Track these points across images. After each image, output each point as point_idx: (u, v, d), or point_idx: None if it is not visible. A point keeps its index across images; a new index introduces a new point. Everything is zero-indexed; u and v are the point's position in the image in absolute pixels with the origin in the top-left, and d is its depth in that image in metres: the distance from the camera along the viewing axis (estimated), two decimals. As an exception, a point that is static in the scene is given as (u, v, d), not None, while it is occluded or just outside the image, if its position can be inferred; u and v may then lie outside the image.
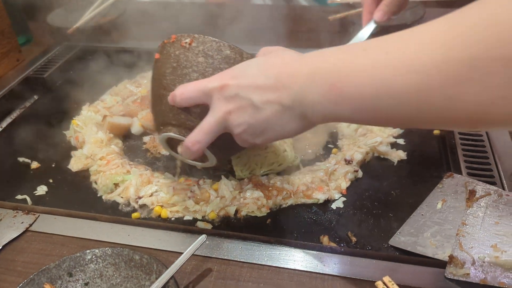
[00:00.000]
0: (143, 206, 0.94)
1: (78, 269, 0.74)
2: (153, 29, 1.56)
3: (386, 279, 0.70)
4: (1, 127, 1.24)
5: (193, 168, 1.01)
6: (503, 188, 0.89)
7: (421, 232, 0.81)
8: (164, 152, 1.10)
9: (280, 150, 1.05)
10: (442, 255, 0.76)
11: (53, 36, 1.63)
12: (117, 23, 1.64)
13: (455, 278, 0.71)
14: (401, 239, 0.82)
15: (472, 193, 0.85)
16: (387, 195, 0.95)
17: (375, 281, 0.70)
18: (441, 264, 0.74)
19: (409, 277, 0.73)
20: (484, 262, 0.72)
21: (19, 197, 0.98)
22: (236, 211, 0.91)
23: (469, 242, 0.76)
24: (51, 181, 1.04)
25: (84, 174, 1.05)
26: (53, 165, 1.09)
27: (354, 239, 0.84)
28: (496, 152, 0.98)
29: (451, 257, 0.74)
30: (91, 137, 1.12)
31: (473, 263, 0.72)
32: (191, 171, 1.02)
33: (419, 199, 0.89)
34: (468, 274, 0.71)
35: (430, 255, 0.77)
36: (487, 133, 1.04)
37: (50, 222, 0.88)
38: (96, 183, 1.01)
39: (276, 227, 0.89)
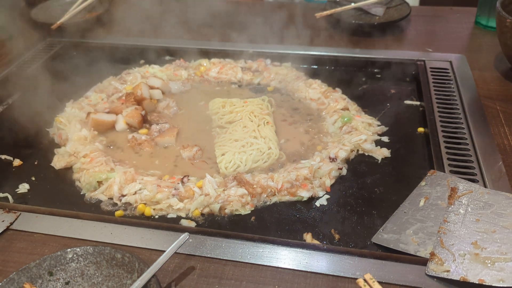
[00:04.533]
0: (126, 204, 0.94)
1: (59, 268, 0.73)
2: (138, 25, 1.55)
3: (368, 276, 0.70)
4: (-17, 124, 1.22)
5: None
6: (485, 186, 0.90)
7: (404, 230, 0.82)
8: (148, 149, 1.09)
9: (265, 148, 1.05)
10: (424, 252, 0.76)
11: (37, 31, 1.60)
12: (102, 19, 1.62)
13: (436, 275, 0.72)
14: (384, 236, 0.82)
15: (454, 190, 0.86)
16: (370, 192, 0.95)
17: (356, 279, 0.71)
18: (422, 261, 0.75)
19: (391, 274, 0.73)
20: (464, 259, 0.73)
21: (0, 195, 0.97)
22: (221, 209, 0.91)
23: (450, 239, 0.77)
24: (33, 179, 1.03)
25: (67, 172, 1.04)
26: (36, 163, 1.08)
27: (337, 236, 0.85)
28: (479, 150, 0.99)
29: (432, 254, 0.75)
30: (75, 135, 1.10)
31: (454, 260, 0.73)
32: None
33: (402, 196, 0.89)
34: (448, 271, 0.72)
35: (412, 252, 0.77)
36: (470, 131, 1.05)
37: (31, 220, 0.87)
38: (79, 181, 1.00)
39: (260, 224, 0.89)
